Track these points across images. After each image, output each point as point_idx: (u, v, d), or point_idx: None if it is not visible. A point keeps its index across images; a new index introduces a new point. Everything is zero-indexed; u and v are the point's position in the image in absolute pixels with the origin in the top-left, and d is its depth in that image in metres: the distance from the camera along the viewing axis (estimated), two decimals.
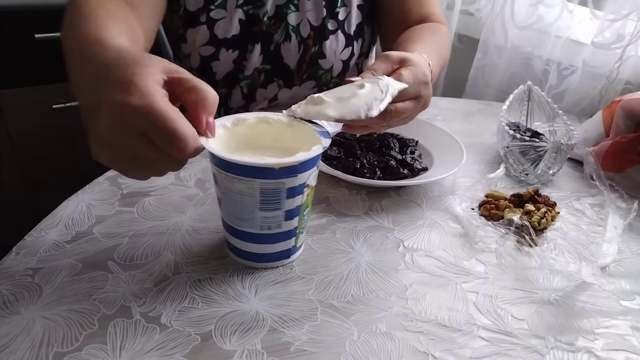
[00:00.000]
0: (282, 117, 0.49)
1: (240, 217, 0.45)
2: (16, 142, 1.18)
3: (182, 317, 0.42)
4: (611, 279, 0.52)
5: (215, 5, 0.74)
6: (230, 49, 0.77)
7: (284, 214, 0.45)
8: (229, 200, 0.45)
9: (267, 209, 0.44)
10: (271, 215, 0.45)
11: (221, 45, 0.76)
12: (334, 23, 0.80)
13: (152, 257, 0.49)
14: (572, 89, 1.08)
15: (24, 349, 0.38)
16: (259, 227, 0.45)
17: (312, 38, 0.79)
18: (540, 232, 0.58)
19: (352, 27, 0.82)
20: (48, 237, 0.50)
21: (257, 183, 0.42)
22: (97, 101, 0.37)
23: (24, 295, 0.43)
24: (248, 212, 0.44)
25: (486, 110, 0.93)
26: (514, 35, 1.14)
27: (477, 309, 0.46)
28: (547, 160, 0.66)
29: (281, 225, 0.46)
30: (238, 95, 0.82)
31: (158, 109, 0.35)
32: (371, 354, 0.41)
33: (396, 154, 0.68)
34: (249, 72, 0.80)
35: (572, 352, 0.43)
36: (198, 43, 0.76)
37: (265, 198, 0.43)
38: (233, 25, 0.75)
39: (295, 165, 0.42)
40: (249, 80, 0.81)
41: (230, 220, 0.46)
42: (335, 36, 0.81)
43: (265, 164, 0.41)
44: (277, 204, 0.44)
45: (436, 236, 0.56)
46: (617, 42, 0.99)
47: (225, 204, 0.46)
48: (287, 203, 0.44)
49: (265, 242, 0.47)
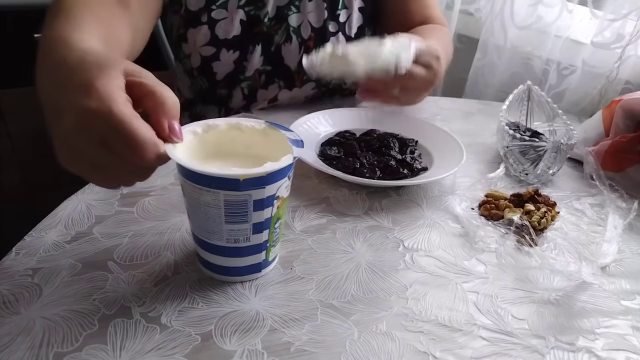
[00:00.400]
0: (256, 124, 0.47)
1: (207, 229, 0.43)
2: (16, 142, 1.17)
3: (182, 317, 0.42)
4: (611, 279, 0.52)
5: (216, 5, 0.74)
6: (231, 50, 0.77)
7: (252, 227, 0.42)
8: (196, 211, 0.43)
9: (233, 221, 0.42)
10: (238, 228, 0.42)
11: (222, 45, 0.76)
12: (335, 25, 0.80)
13: (152, 257, 0.49)
14: (572, 89, 1.08)
15: (24, 349, 0.38)
16: (225, 240, 0.43)
17: (312, 40, 0.79)
18: (540, 232, 0.58)
19: (352, 30, 0.82)
20: (48, 237, 0.50)
21: (222, 194, 0.40)
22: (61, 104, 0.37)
23: (23, 295, 0.43)
24: (215, 224, 0.42)
25: (486, 110, 0.93)
26: (514, 35, 1.14)
27: (477, 308, 0.46)
28: (547, 160, 0.66)
29: (249, 239, 0.43)
30: (239, 95, 0.82)
31: (117, 112, 0.34)
32: (371, 354, 0.41)
33: (396, 154, 0.68)
34: (250, 73, 0.79)
35: (573, 352, 0.43)
36: (199, 43, 0.76)
37: (230, 210, 0.41)
38: (234, 26, 0.75)
39: (262, 177, 0.40)
40: (250, 81, 0.81)
41: (198, 232, 0.44)
42: (336, 38, 0.80)
43: (228, 175, 0.38)
44: (243, 217, 0.41)
45: (436, 236, 0.56)
46: (617, 42, 0.99)
47: (193, 216, 0.44)
48: (254, 216, 0.42)
49: (234, 256, 0.44)
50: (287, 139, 0.44)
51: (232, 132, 0.47)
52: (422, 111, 0.88)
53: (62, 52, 0.42)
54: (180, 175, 0.42)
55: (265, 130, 0.47)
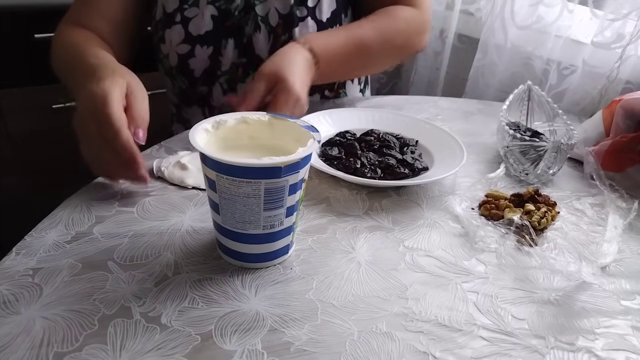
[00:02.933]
0: (261, 116, 0.50)
1: (243, 220, 0.45)
2: (16, 142, 1.18)
3: (182, 317, 0.42)
4: (611, 279, 0.52)
5: (188, 4, 0.76)
6: (204, 45, 0.78)
7: (286, 211, 0.45)
8: (231, 204, 0.44)
9: (271, 207, 0.44)
10: (274, 213, 0.45)
11: (196, 42, 0.78)
12: (303, 10, 0.79)
13: (152, 257, 0.49)
14: (572, 89, 1.08)
15: (24, 349, 0.38)
16: (262, 227, 0.45)
17: (280, 27, 0.79)
18: (540, 231, 0.58)
19: (324, 14, 0.81)
20: (48, 237, 0.50)
21: (262, 183, 0.42)
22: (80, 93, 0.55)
23: (24, 295, 0.43)
24: (253, 213, 0.44)
25: (486, 110, 0.93)
26: (514, 35, 1.14)
27: (477, 308, 0.46)
28: (547, 160, 0.66)
29: (283, 222, 0.46)
30: (219, 91, 0.83)
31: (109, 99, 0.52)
32: (371, 354, 0.41)
33: (396, 154, 0.68)
34: (226, 67, 0.80)
35: (572, 352, 0.43)
36: (174, 42, 0.78)
37: (269, 197, 0.43)
38: (205, 22, 0.77)
39: (297, 162, 0.43)
40: (227, 75, 0.81)
41: (232, 225, 0.46)
42: (305, 23, 0.79)
43: (270, 164, 0.41)
44: (280, 202, 0.44)
45: (436, 236, 0.56)
46: (617, 42, 0.99)
47: (227, 209, 0.45)
48: (288, 200, 0.45)
49: (269, 241, 0.47)
50: (296, 126, 0.49)
51: (239, 126, 0.50)
52: (422, 111, 0.88)
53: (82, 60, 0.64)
54: (213, 171, 0.43)
55: (271, 121, 0.50)
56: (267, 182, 0.42)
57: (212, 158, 0.41)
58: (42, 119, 1.17)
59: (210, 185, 0.45)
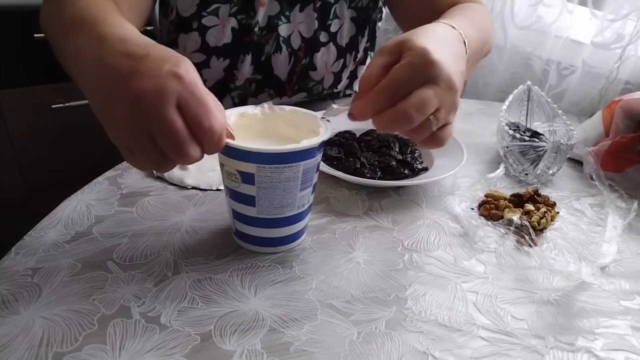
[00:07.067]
0: (257, 111, 0.52)
1: (282, 204, 0.47)
2: (16, 142, 1.18)
3: (181, 317, 0.42)
4: (611, 279, 0.52)
5: (207, 12, 0.73)
6: (221, 57, 0.77)
7: (312, 188, 0.49)
8: (270, 192, 0.46)
9: (304, 187, 0.47)
10: (306, 192, 0.48)
11: (212, 53, 0.76)
12: (326, 35, 0.78)
13: (152, 257, 0.49)
14: (572, 89, 1.08)
15: (24, 349, 0.38)
16: (296, 207, 0.48)
17: (303, 50, 0.78)
18: (540, 232, 0.58)
19: (344, 40, 0.80)
20: (47, 237, 0.50)
21: (301, 165, 0.45)
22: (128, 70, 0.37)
23: (23, 295, 0.43)
24: (291, 195, 0.47)
25: (486, 110, 0.93)
26: (514, 36, 1.14)
27: (476, 308, 0.46)
28: (546, 160, 0.66)
29: (310, 199, 0.50)
30: (229, 104, 0.82)
31: (201, 84, 0.39)
32: (371, 354, 0.41)
33: (396, 154, 0.68)
34: (240, 82, 0.79)
35: (572, 352, 0.43)
36: (189, 49, 0.76)
37: (305, 177, 0.46)
38: (225, 34, 0.75)
39: (323, 141, 0.46)
40: (240, 90, 0.80)
41: (271, 212, 0.47)
42: (327, 48, 0.79)
43: (309, 146, 0.44)
44: (310, 181, 0.48)
45: (436, 236, 0.56)
46: (617, 42, 0.99)
47: (265, 198, 0.46)
48: (314, 177, 0.48)
49: (299, 221, 0.50)
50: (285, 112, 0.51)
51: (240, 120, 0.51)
52: None
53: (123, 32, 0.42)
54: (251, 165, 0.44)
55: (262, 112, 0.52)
56: (305, 163, 0.45)
57: (256, 151, 0.43)
58: (42, 119, 1.17)
59: (245, 179, 0.45)
